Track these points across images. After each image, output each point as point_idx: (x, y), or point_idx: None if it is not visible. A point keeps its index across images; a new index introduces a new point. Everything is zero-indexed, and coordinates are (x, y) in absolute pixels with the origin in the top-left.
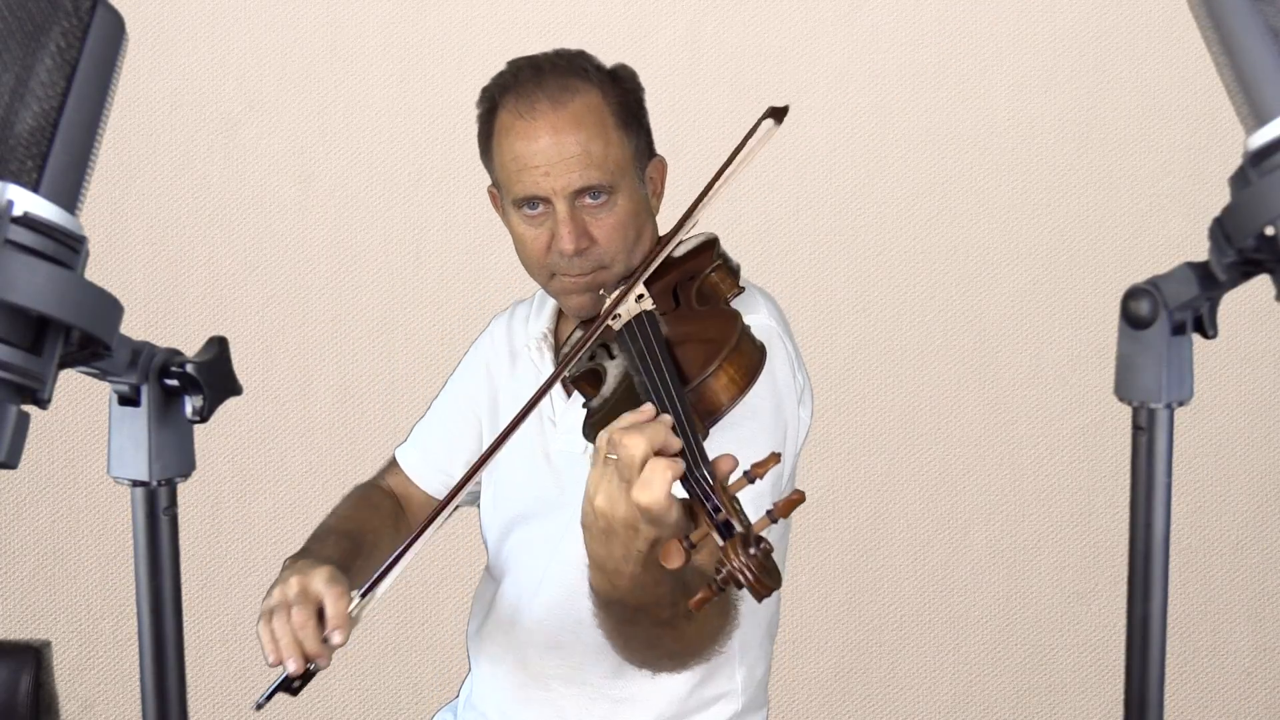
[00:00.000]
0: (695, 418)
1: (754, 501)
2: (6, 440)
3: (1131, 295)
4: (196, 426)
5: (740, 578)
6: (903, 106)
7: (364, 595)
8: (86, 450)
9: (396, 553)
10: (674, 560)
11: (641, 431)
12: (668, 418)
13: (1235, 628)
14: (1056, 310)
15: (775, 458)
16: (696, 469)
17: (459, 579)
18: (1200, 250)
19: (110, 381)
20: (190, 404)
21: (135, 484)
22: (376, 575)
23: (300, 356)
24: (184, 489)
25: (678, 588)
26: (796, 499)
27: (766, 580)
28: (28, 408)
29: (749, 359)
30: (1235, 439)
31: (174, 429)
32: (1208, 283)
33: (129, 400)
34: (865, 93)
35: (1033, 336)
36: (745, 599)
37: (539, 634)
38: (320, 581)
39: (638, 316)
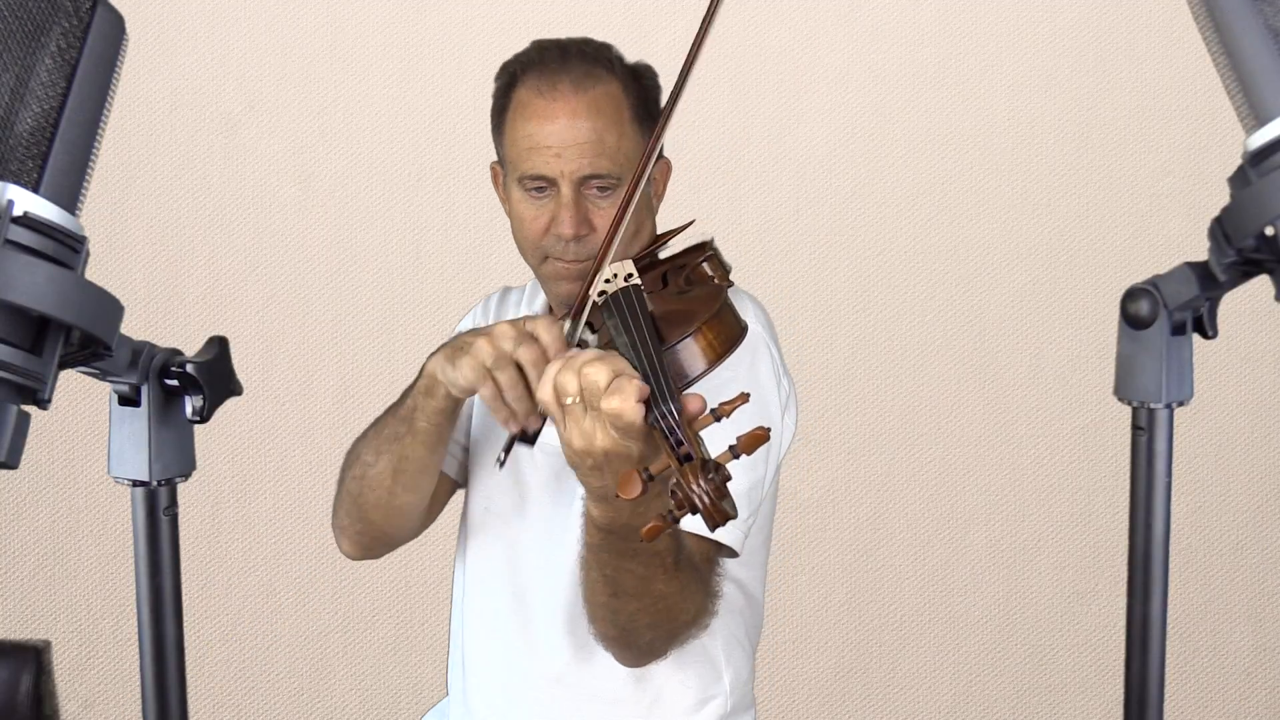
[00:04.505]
0: (671, 380)
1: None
2: (6, 440)
3: (1131, 295)
4: (196, 426)
5: (696, 501)
6: (903, 106)
7: (573, 320)
8: (86, 450)
9: (596, 261)
10: (631, 489)
11: (602, 359)
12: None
13: (1235, 628)
14: (1056, 310)
15: (743, 397)
16: (664, 402)
17: None
18: (1200, 250)
19: (110, 381)
20: (190, 404)
21: (135, 484)
22: (581, 295)
23: (300, 356)
24: (184, 489)
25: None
26: (760, 435)
27: (722, 506)
28: (28, 408)
29: (729, 328)
30: (1235, 439)
31: (174, 429)
32: (1208, 283)
33: (129, 400)
34: (865, 93)
35: (1033, 336)
36: (725, 599)
37: (530, 633)
38: (533, 320)
39: (624, 289)
